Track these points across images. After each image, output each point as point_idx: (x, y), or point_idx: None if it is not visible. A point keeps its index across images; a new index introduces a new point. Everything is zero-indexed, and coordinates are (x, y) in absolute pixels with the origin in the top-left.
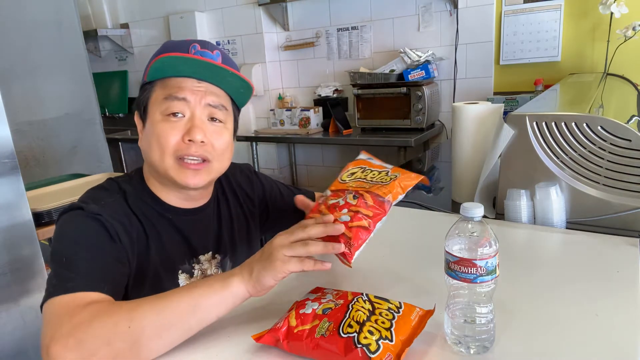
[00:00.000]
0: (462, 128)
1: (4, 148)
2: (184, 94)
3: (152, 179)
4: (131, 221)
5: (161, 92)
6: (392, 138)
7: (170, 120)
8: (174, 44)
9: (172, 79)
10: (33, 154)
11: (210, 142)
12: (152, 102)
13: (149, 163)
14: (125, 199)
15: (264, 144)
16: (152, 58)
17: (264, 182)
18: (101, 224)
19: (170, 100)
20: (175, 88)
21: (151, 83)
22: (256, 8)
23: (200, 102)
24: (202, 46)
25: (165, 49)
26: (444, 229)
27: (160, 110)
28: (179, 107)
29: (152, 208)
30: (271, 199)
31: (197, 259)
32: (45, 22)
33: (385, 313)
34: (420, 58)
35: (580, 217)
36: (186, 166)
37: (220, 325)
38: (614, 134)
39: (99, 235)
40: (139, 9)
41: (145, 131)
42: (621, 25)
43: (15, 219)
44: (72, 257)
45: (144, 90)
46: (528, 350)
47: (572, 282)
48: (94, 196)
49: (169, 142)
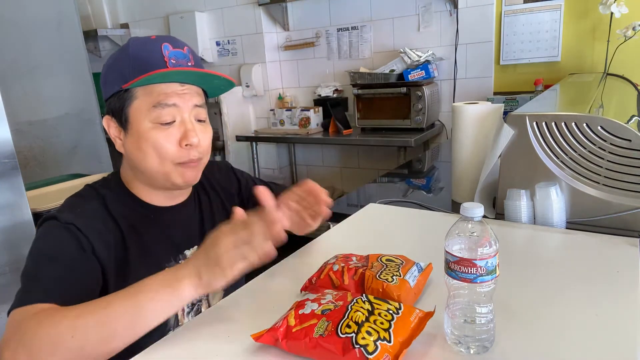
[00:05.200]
0: (462, 128)
1: (4, 148)
2: (173, 100)
3: (136, 181)
4: (107, 226)
5: (146, 100)
6: (392, 138)
7: (163, 128)
8: (143, 46)
9: (154, 85)
10: (33, 154)
11: (200, 139)
12: (135, 110)
13: (141, 169)
14: (104, 204)
15: (264, 144)
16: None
17: (240, 178)
18: (72, 234)
19: (160, 108)
20: (162, 95)
21: (128, 90)
22: (256, 8)
23: (188, 104)
24: (173, 45)
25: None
26: (444, 229)
27: (150, 119)
28: (170, 113)
29: (133, 209)
30: (246, 192)
31: (182, 254)
32: (45, 22)
33: (384, 314)
34: (420, 58)
35: (580, 217)
36: (186, 166)
37: (220, 324)
38: (614, 134)
39: (67, 246)
40: (139, 9)
41: (131, 138)
42: (621, 25)
43: (15, 219)
44: (36, 269)
45: (120, 98)
46: (528, 350)
47: (572, 282)
48: (70, 204)
49: (166, 150)
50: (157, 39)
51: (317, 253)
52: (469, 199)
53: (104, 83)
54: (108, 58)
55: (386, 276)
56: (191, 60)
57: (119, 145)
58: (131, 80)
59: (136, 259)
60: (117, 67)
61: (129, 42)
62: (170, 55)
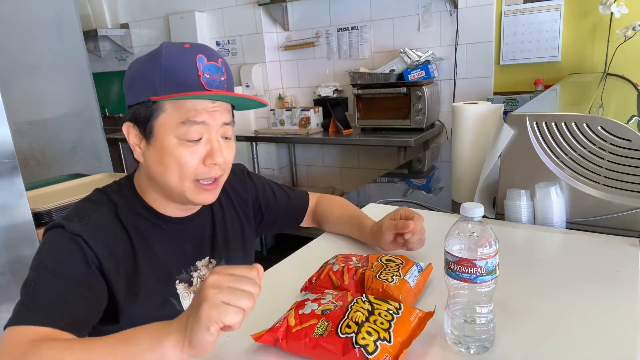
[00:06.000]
0: (462, 128)
1: (4, 148)
2: (203, 118)
3: (151, 191)
4: (117, 238)
5: (175, 115)
6: (392, 138)
7: (189, 145)
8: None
9: (186, 101)
10: (33, 154)
11: (225, 159)
12: (161, 123)
13: (159, 182)
14: (115, 212)
15: (264, 144)
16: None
17: (257, 183)
18: (78, 247)
19: (188, 125)
20: (192, 112)
21: (157, 102)
22: (256, 8)
23: (217, 122)
24: (208, 58)
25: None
26: (444, 229)
27: (177, 134)
28: (198, 131)
29: (145, 219)
30: (264, 200)
31: (194, 266)
32: (45, 22)
33: (384, 314)
34: (420, 58)
35: (580, 217)
36: (203, 187)
37: None
38: (614, 134)
39: (72, 260)
40: (139, 9)
41: (154, 150)
42: (621, 25)
43: (15, 219)
44: (38, 283)
45: (148, 108)
46: (528, 350)
47: (572, 282)
48: (80, 211)
49: (189, 167)
50: (192, 48)
51: (317, 253)
52: (469, 199)
53: (130, 88)
54: (135, 60)
55: (386, 276)
56: (224, 74)
57: (138, 154)
58: (163, 96)
59: (146, 271)
60: (146, 75)
61: (162, 48)
62: (204, 70)
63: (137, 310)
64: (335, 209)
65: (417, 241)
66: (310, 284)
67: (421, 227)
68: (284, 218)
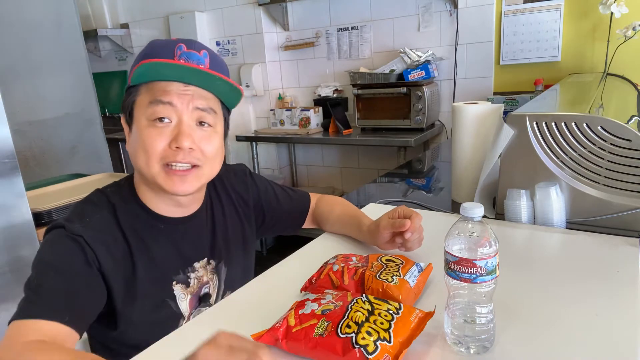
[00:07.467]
0: (462, 128)
1: (4, 148)
2: (170, 98)
3: (143, 186)
4: (116, 239)
5: (146, 96)
6: (392, 138)
7: (156, 126)
8: (160, 44)
9: (157, 83)
10: (33, 154)
11: (200, 148)
12: (137, 106)
13: (137, 171)
14: (114, 214)
15: (264, 144)
16: (137, 61)
17: (259, 184)
18: (80, 247)
19: (155, 104)
20: (160, 92)
21: (136, 86)
22: (256, 8)
23: (188, 106)
24: (188, 47)
25: (151, 52)
26: (444, 229)
27: (146, 115)
28: (165, 111)
29: (142, 220)
30: (266, 201)
31: (192, 267)
32: (45, 22)
33: (384, 314)
34: (420, 58)
35: (580, 217)
36: (173, 172)
37: (220, 324)
38: (614, 134)
39: (74, 259)
40: (139, 9)
41: (132, 136)
42: (621, 25)
43: (15, 219)
44: (41, 280)
45: (129, 94)
46: (528, 350)
47: (572, 282)
48: (80, 212)
49: (154, 149)
50: (177, 40)
51: (317, 253)
52: (469, 199)
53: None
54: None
55: (386, 276)
56: (206, 66)
57: (127, 144)
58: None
59: (143, 273)
60: (132, 66)
61: (150, 41)
62: (181, 56)
63: (135, 312)
64: (335, 209)
65: (415, 240)
66: (310, 284)
67: (419, 225)
68: (286, 220)
